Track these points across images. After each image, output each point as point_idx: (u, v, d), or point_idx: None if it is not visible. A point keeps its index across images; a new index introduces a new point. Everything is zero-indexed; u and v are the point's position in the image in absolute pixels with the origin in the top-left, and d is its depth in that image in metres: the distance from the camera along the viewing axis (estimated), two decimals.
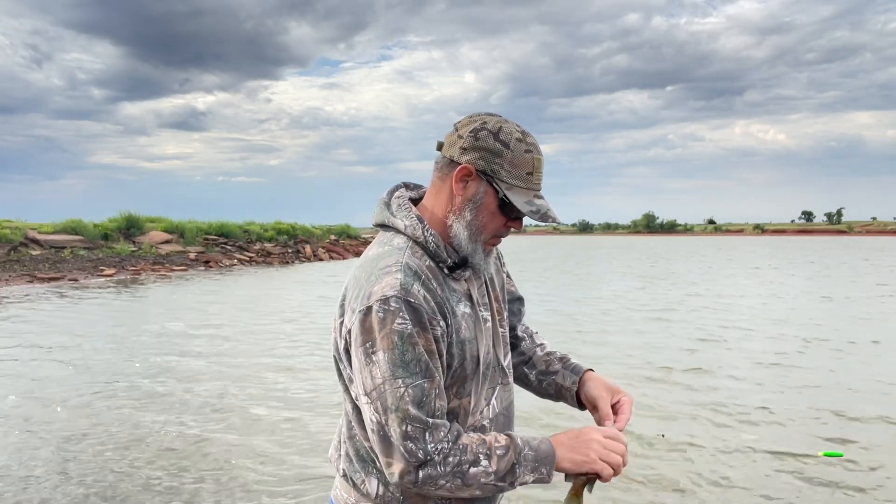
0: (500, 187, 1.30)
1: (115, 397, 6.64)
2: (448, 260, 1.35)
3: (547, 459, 1.28)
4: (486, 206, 1.33)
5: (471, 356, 1.34)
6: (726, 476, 4.56)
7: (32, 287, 18.28)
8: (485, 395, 1.41)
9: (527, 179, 1.31)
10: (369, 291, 1.26)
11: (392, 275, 1.27)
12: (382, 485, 1.36)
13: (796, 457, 4.89)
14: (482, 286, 1.45)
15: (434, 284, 1.30)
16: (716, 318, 12.37)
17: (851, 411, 6.05)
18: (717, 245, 70.24)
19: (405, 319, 1.23)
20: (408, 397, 1.22)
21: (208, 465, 4.79)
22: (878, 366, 8.08)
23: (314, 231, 40.06)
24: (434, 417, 1.24)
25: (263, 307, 14.14)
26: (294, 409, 6.24)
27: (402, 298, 1.24)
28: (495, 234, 1.37)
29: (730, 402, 6.37)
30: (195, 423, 5.80)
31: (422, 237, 1.34)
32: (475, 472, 1.24)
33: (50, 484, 4.43)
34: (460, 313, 1.34)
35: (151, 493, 4.29)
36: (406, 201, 1.41)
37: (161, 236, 28.94)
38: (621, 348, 9.25)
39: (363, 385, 1.27)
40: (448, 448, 1.24)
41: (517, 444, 1.28)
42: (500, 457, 1.26)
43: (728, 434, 5.46)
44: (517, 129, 1.33)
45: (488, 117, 1.35)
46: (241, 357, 8.68)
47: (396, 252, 1.32)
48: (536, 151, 1.33)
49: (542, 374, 1.59)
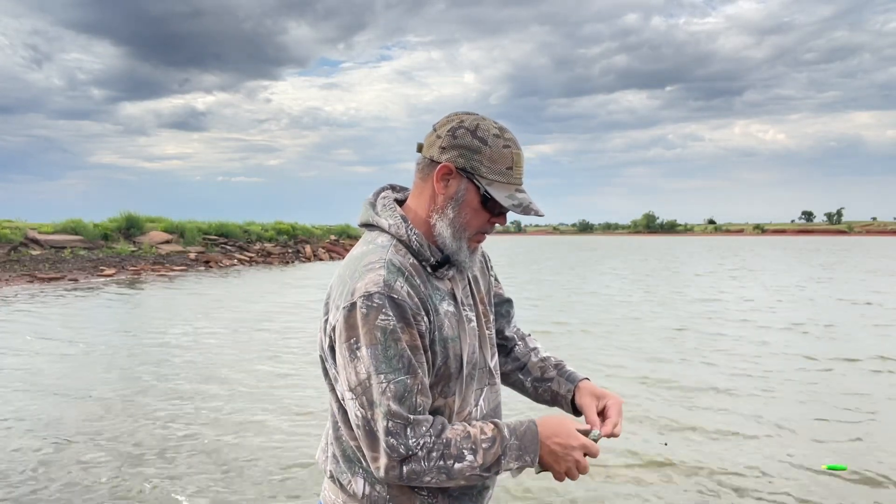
0: (480, 183, 1.32)
1: (115, 397, 6.67)
2: (431, 258, 1.36)
3: (530, 448, 1.30)
4: (469, 203, 1.34)
5: (454, 355, 1.35)
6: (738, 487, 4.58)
7: (32, 287, 18.30)
8: (473, 395, 1.42)
9: (507, 174, 1.33)
10: (353, 288, 1.27)
11: (375, 272, 1.28)
12: (369, 484, 1.36)
13: (801, 469, 4.81)
14: (466, 287, 1.46)
15: (417, 281, 1.31)
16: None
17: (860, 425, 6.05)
18: (720, 245, 70.11)
19: (388, 315, 1.24)
20: (389, 393, 1.23)
21: (201, 465, 4.81)
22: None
23: (314, 231, 40.04)
24: (416, 413, 1.25)
25: (264, 307, 14.16)
26: (288, 410, 6.26)
27: (386, 294, 1.25)
28: (479, 230, 1.38)
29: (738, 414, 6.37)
30: (193, 422, 5.81)
31: (405, 235, 1.35)
32: (460, 468, 1.26)
33: (48, 483, 4.46)
34: (443, 311, 1.35)
35: (144, 492, 4.31)
36: (391, 202, 1.42)
37: (161, 236, 28.93)
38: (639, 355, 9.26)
39: (348, 381, 1.28)
40: (432, 443, 1.25)
41: (503, 434, 1.30)
42: (486, 450, 1.28)
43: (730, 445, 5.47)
44: (494, 125, 1.35)
45: (465, 116, 1.36)
46: (242, 357, 8.69)
47: (380, 250, 1.33)
48: (515, 146, 1.35)
49: (537, 380, 1.59)
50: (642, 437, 5.36)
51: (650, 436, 5.38)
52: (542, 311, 13.68)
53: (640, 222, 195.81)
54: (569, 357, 1.69)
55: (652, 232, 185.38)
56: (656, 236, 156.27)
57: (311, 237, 38.48)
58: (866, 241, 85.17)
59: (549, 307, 14.36)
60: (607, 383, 6.91)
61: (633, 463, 4.80)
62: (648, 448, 5.09)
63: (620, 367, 8.06)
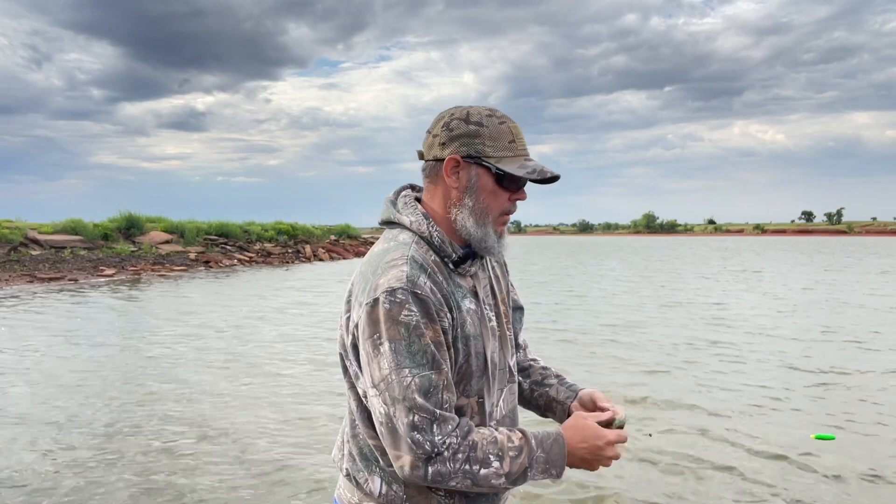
0: (490, 163, 1.32)
1: (114, 398, 6.63)
2: (453, 254, 1.35)
3: (558, 461, 1.28)
4: (484, 187, 1.34)
5: (476, 353, 1.34)
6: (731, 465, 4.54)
7: (33, 287, 18.26)
8: (495, 395, 1.40)
9: (511, 147, 1.34)
10: (375, 284, 1.26)
11: (398, 268, 1.27)
12: (385, 483, 1.35)
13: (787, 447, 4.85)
14: (487, 285, 1.45)
15: (440, 278, 1.31)
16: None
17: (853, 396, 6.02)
18: (723, 245, 70.15)
19: (411, 311, 1.23)
20: (414, 387, 1.21)
21: (211, 465, 4.77)
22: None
23: (314, 231, 40.01)
24: (442, 409, 1.23)
25: (263, 307, 14.12)
26: (299, 409, 6.22)
27: (409, 290, 1.24)
28: (502, 212, 1.37)
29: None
30: (196, 422, 5.78)
31: (427, 232, 1.35)
32: (486, 474, 1.24)
33: (44, 484, 4.42)
34: (465, 308, 1.34)
35: (154, 494, 4.27)
36: (412, 200, 1.42)
37: (161, 236, 28.89)
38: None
39: (371, 377, 1.26)
40: (457, 444, 1.23)
41: (531, 445, 1.27)
42: (513, 458, 1.25)
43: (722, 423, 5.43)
44: (484, 108, 1.37)
45: (454, 109, 1.38)
46: (242, 357, 8.66)
47: (402, 246, 1.33)
48: (510, 121, 1.36)
49: (536, 384, 1.60)
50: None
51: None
52: (537, 316, 13.65)
53: (640, 222, 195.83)
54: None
55: (652, 232, 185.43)
56: (657, 236, 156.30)
57: (311, 237, 38.45)
58: (867, 242, 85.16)
59: (547, 312, 14.33)
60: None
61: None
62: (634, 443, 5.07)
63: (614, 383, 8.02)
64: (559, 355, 8.65)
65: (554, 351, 9.03)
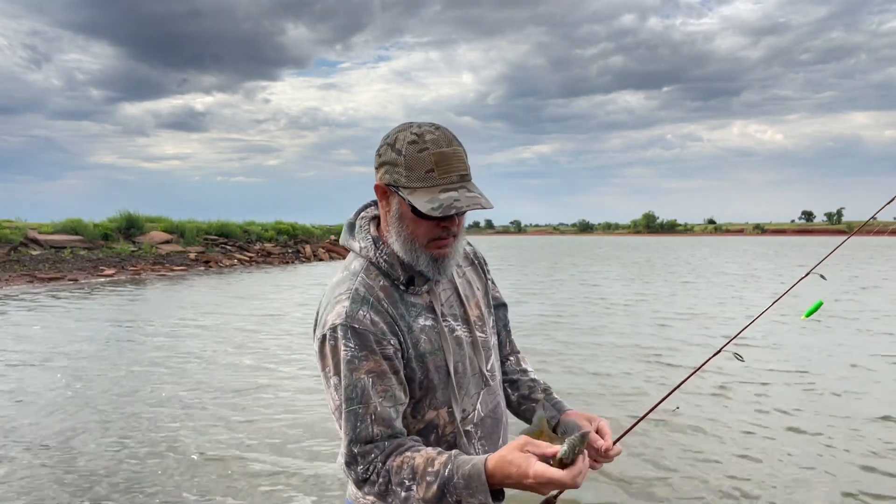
0: (403, 195, 1.31)
1: (114, 398, 6.62)
2: (401, 276, 1.39)
3: (480, 489, 1.20)
4: (405, 216, 1.35)
5: (436, 367, 1.38)
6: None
7: (32, 287, 18.25)
8: (469, 401, 1.44)
9: (428, 178, 1.29)
10: (324, 320, 1.35)
11: (341, 303, 1.35)
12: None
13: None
14: (451, 295, 1.47)
15: (386, 305, 1.36)
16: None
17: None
18: (725, 245, 70.03)
19: (348, 346, 1.31)
20: (349, 423, 1.31)
21: (218, 466, 4.77)
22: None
23: (314, 231, 39.99)
24: (368, 443, 1.30)
25: (264, 307, 14.11)
26: (299, 409, 6.21)
27: (348, 326, 1.31)
28: (430, 238, 1.35)
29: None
30: (202, 423, 5.78)
31: (374, 258, 1.40)
32: (406, 497, 1.26)
33: (44, 485, 4.42)
34: (419, 327, 1.38)
35: (154, 495, 4.27)
36: (367, 222, 1.46)
37: (161, 236, 28.87)
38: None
39: (329, 404, 1.37)
40: (379, 469, 1.29)
41: (450, 472, 1.22)
42: (429, 484, 1.23)
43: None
44: (417, 131, 1.31)
45: (399, 128, 1.34)
46: (242, 357, 8.66)
47: (349, 279, 1.39)
48: (434, 146, 1.29)
49: (524, 397, 1.61)
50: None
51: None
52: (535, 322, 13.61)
53: (640, 222, 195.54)
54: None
55: (652, 232, 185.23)
56: (657, 236, 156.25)
57: (311, 237, 38.43)
58: (868, 242, 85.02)
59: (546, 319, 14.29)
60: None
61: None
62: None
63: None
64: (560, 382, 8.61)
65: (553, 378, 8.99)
